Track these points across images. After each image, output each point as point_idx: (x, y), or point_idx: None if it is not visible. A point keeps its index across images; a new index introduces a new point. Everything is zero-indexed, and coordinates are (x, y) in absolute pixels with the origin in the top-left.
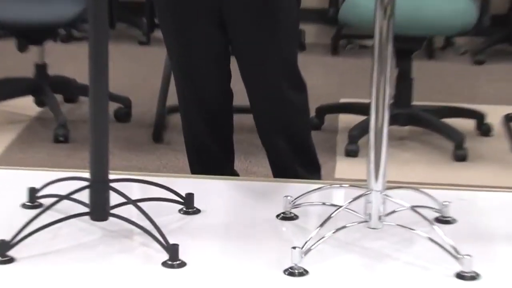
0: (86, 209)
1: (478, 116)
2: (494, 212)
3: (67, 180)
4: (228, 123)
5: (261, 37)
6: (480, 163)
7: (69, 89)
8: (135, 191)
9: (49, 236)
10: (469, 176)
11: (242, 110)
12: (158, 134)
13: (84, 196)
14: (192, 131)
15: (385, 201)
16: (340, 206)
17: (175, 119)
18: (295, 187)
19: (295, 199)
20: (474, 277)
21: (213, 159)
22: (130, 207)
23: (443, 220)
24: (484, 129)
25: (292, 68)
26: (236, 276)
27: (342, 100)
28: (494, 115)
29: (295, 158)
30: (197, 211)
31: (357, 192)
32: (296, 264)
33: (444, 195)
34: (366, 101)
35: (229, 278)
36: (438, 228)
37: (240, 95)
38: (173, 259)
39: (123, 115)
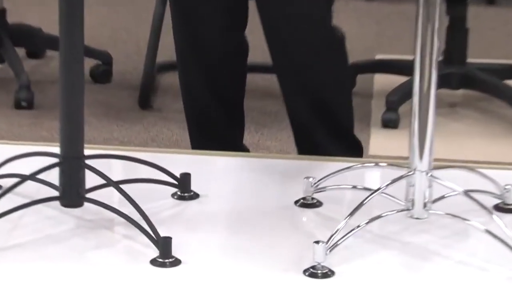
0: (55, 193)
1: None
2: None
3: (31, 156)
4: (238, 84)
5: None
6: None
7: (34, 41)
8: (116, 170)
9: (8, 226)
10: None
11: (256, 68)
12: (145, 98)
13: (53, 176)
14: (192, 94)
15: (432, 184)
16: (375, 190)
17: (167, 79)
18: (318, 166)
19: (318, 181)
20: None
21: (217, 130)
22: (111, 190)
23: (505, 208)
24: None
25: (325, 20)
26: (243, 278)
27: (379, 57)
28: None
29: (330, 132)
30: (195, 195)
31: (397, 172)
32: (319, 263)
33: (506, 177)
34: (408, 57)
35: (234, 280)
36: (499, 219)
37: (255, 50)
38: (165, 255)
39: (102, 75)
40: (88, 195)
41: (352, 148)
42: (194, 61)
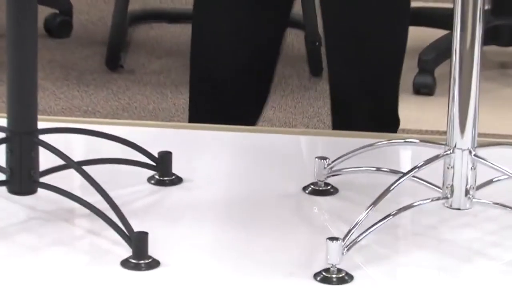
0: (2, 176)
1: None
2: None
3: None
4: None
5: None
6: None
7: None
8: (78, 148)
9: None
10: None
11: None
12: (114, 56)
13: None
14: (212, 49)
15: (476, 166)
16: (405, 174)
17: (141, 32)
18: (333, 144)
19: (333, 162)
20: None
21: (237, 104)
22: (71, 173)
23: None
24: None
25: None
26: (236, 284)
27: None
28: None
29: (374, 111)
30: (177, 180)
31: (431, 151)
32: (333, 265)
33: None
34: (446, 5)
35: (226, 287)
36: None
37: None
38: (139, 255)
39: (60, 27)
40: (43, 179)
41: (391, 126)
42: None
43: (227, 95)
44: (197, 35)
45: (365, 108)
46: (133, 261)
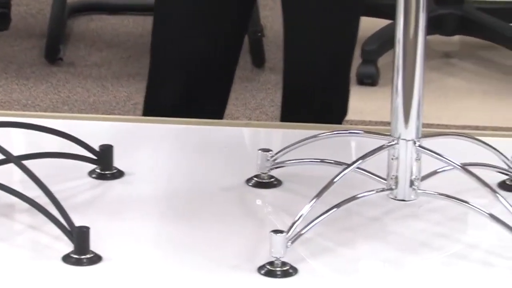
0: None
1: None
2: None
3: None
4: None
5: None
6: None
7: None
8: (18, 142)
9: None
10: None
11: None
12: (53, 49)
13: None
14: (178, 32)
15: (421, 157)
16: (349, 165)
17: (82, 24)
18: (276, 135)
19: (276, 154)
20: None
21: (201, 94)
22: (10, 167)
23: None
24: None
25: None
26: (181, 278)
27: None
28: None
29: (324, 91)
30: (119, 174)
31: (376, 142)
32: (278, 258)
33: None
34: None
35: (169, 281)
36: (505, 200)
37: None
38: (81, 250)
39: None
40: None
41: (341, 117)
42: None
43: (189, 89)
44: (158, 26)
45: (318, 98)
46: (75, 256)
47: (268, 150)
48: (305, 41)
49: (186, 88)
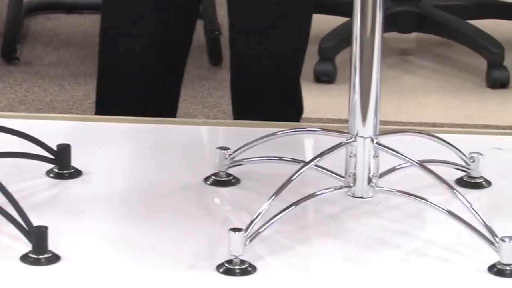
0: None
1: None
2: None
3: None
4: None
5: None
6: None
7: None
8: None
9: None
10: (511, 112)
11: None
12: (10, 48)
13: None
14: (120, 31)
15: (379, 154)
16: (307, 163)
17: (38, 24)
18: (234, 134)
19: (234, 152)
20: None
21: (155, 90)
22: None
23: (470, 182)
24: None
25: None
26: (139, 277)
27: None
28: None
29: (276, 90)
30: (76, 173)
31: (333, 140)
32: (236, 257)
33: (471, 143)
34: None
35: (127, 280)
36: (462, 197)
37: None
38: (39, 250)
39: None
40: None
41: (294, 115)
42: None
43: (136, 92)
44: (106, 29)
45: (268, 96)
46: (33, 256)
47: (226, 149)
48: (251, 40)
49: (135, 85)
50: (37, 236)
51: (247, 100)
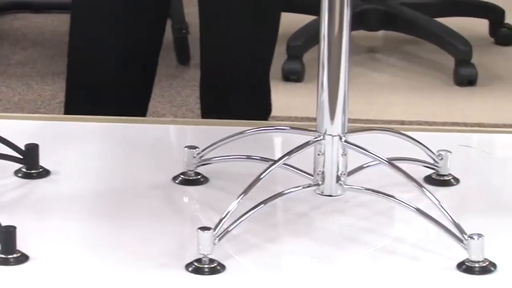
0: None
1: (494, 14)
2: None
3: None
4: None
5: None
6: (496, 88)
7: None
8: None
9: None
10: (479, 109)
11: None
12: None
13: None
14: (90, 36)
15: (347, 152)
16: (275, 162)
17: (5, 22)
18: (203, 132)
19: (202, 151)
20: (486, 269)
21: (125, 91)
22: None
23: (438, 180)
24: (502, 35)
25: None
26: (109, 276)
27: None
28: None
29: (244, 89)
30: (45, 172)
31: (302, 138)
32: (205, 255)
33: (440, 141)
34: None
35: (97, 280)
36: (431, 194)
37: None
38: (8, 250)
39: None
40: None
41: (263, 113)
42: None
43: (106, 93)
44: (75, 29)
45: (237, 95)
46: (1, 255)
47: (194, 147)
48: (221, 38)
49: (105, 86)
50: (6, 236)
51: (216, 99)
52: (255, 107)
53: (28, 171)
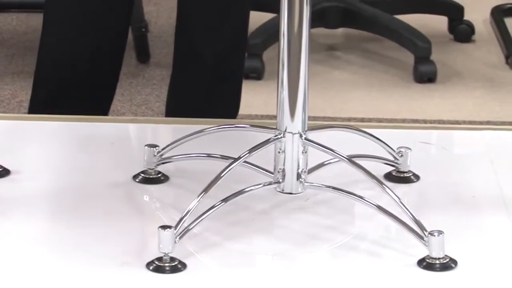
0: None
1: (453, 11)
2: (476, 161)
3: None
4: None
5: None
6: (456, 85)
7: None
8: None
9: None
10: (439, 106)
11: None
12: None
13: None
14: (61, 29)
15: (307, 150)
16: (235, 160)
17: None
18: (163, 131)
19: (163, 149)
20: (447, 265)
21: (90, 89)
22: None
23: (399, 177)
24: (461, 31)
25: None
26: (68, 275)
27: None
28: (477, 8)
29: (217, 85)
30: (5, 172)
31: (262, 136)
32: (166, 254)
33: (399, 138)
34: None
35: (57, 278)
36: (391, 191)
37: None
38: None
39: None
40: None
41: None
42: None
43: (72, 91)
44: (45, 31)
45: (211, 94)
46: None
47: (154, 146)
48: (194, 37)
49: (71, 85)
50: None
51: (187, 96)
52: (226, 105)
53: None
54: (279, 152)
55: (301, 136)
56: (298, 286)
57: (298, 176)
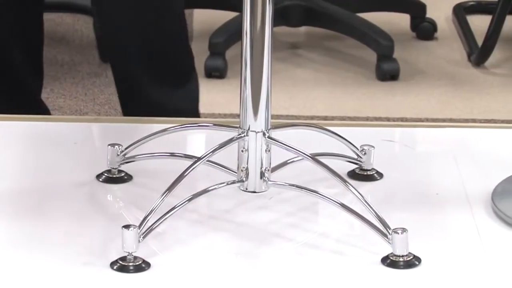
0: None
1: (415, 9)
2: (439, 159)
3: None
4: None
5: None
6: (418, 83)
7: None
8: None
9: None
10: (402, 104)
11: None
12: None
13: None
14: None
15: (270, 148)
16: (199, 159)
17: None
18: (126, 130)
19: (126, 148)
20: (411, 263)
21: (15, 78)
22: None
23: (362, 175)
24: (423, 29)
25: None
26: (32, 274)
27: None
28: (439, 6)
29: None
30: None
31: (225, 134)
32: (130, 253)
33: (363, 136)
34: None
35: (21, 277)
36: (354, 189)
37: None
38: None
39: None
40: None
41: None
42: None
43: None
44: None
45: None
46: None
47: (117, 145)
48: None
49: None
50: None
51: (135, 98)
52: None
53: None
54: (242, 151)
55: (264, 134)
56: (262, 284)
57: (262, 174)
